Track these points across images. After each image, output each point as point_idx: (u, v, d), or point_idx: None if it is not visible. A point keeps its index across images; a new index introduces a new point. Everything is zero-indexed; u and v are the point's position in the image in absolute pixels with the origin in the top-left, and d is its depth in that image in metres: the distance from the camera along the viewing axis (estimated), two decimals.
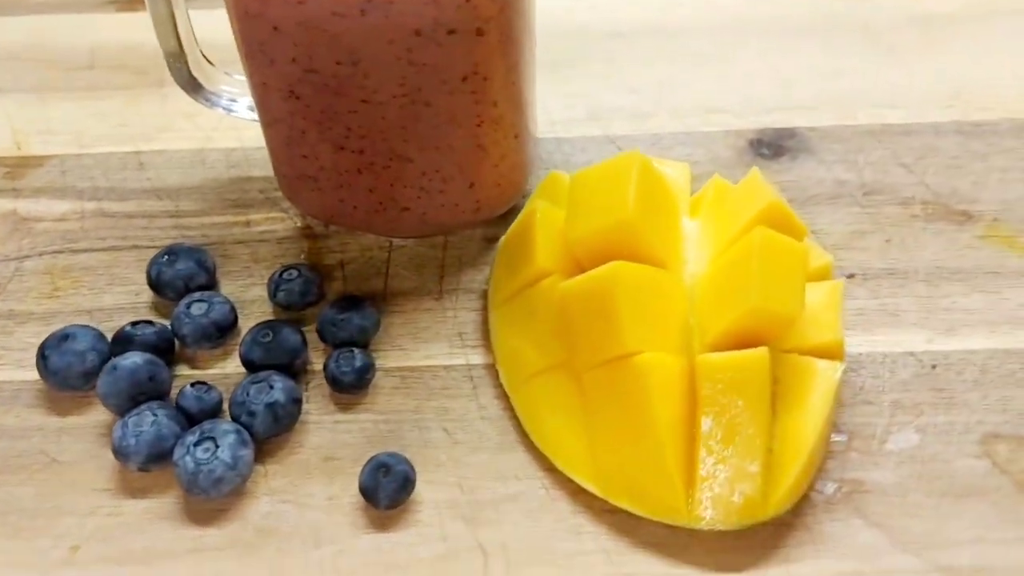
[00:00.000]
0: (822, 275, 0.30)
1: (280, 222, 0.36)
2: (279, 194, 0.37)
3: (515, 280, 0.30)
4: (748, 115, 0.40)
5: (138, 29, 0.46)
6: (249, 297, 0.33)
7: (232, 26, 0.30)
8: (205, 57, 0.35)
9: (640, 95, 0.42)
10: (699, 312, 0.28)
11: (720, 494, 0.25)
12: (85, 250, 0.35)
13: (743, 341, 0.26)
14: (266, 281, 0.34)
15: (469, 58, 0.29)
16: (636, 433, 0.26)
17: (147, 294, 0.34)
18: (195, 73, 0.34)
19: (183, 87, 0.34)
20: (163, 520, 0.27)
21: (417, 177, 0.32)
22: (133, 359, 0.29)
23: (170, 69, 0.34)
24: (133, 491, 0.28)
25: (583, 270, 0.29)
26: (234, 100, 0.35)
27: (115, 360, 0.29)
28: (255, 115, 0.35)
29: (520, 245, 0.30)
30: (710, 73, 0.42)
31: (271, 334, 0.30)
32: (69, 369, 0.29)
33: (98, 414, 0.30)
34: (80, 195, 0.37)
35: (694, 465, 0.26)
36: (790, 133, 0.39)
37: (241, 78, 0.35)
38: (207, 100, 0.35)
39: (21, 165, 0.39)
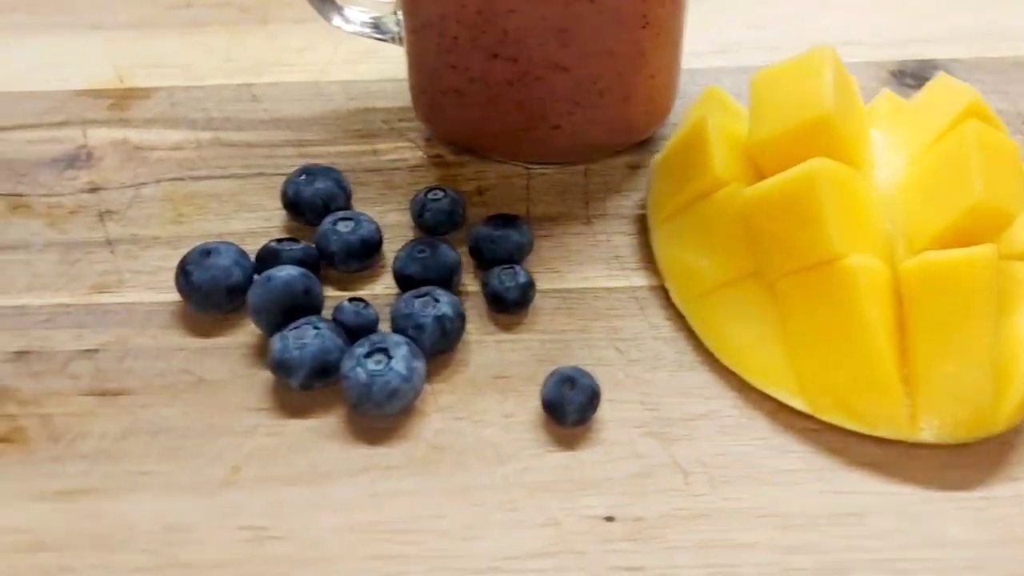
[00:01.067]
0: None
1: (409, 151, 0.34)
2: (404, 124, 0.36)
3: (682, 194, 0.28)
4: (884, 47, 0.38)
5: None
6: (388, 222, 0.31)
7: None
8: None
9: (768, 30, 0.40)
10: (902, 216, 0.26)
11: (946, 406, 0.23)
12: (207, 177, 0.33)
13: (957, 243, 0.24)
14: (403, 207, 0.32)
15: None
16: (846, 342, 0.24)
17: (279, 219, 0.32)
18: None
19: (315, 6, 0.33)
20: (329, 439, 0.25)
21: (572, 89, 0.30)
22: (288, 271, 0.27)
23: None
24: (292, 410, 0.26)
25: (764, 178, 0.27)
26: (364, 19, 0.34)
27: (268, 272, 0.27)
28: (382, 35, 0.34)
29: (688, 157, 0.29)
30: (838, 9, 0.40)
31: (428, 250, 0.28)
32: (213, 284, 0.27)
33: (241, 334, 0.28)
34: (193, 125, 0.35)
35: (913, 374, 0.24)
36: (932, 64, 0.37)
37: None
38: (337, 17, 0.33)
39: (127, 97, 0.37)
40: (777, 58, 0.39)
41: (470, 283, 0.30)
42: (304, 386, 0.25)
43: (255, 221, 0.32)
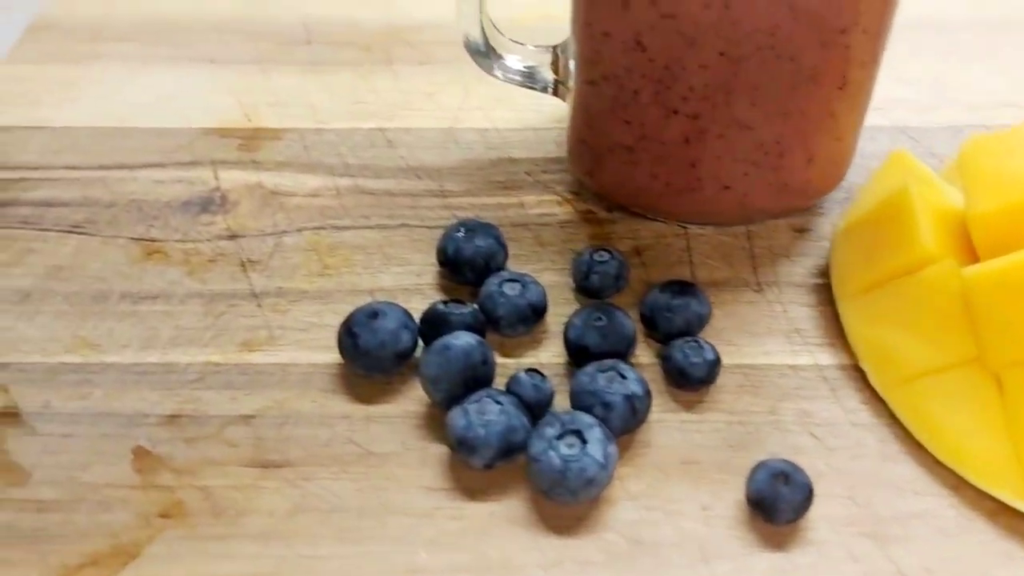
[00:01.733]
0: None
1: (557, 205, 0.33)
2: (548, 176, 0.34)
3: (881, 268, 0.27)
4: None
5: (350, 5, 0.43)
6: (544, 282, 0.29)
7: None
8: (494, 25, 0.32)
9: (918, 88, 0.38)
10: None
11: None
12: (350, 227, 0.32)
13: None
14: (558, 266, 0.30)
15: (856, 6, 0.25)
16: None
17: (430, 274, 0.30)
18: (492, 42, 0.31)
19: (475, 55, 0.31)
20: (516, 526, 0.23)
21: (752, 149, 0.28)
22: (465, 339, 0.25)
23: (465, 43, 0.31)
24: (472, 491, 0.24)
25: (976, 254, 0.25)
26: (522, 70, 0.32)
27: (445, 340, 0.25)
28: (534, 85, 0.32)
29: (887, 228, 0.27)
30: (988, 70, 0.39)
31: (605, 318, 0.26)
32: (382, 349, 0.26)
33: (407, 403, 0.26)
34: (330, 171, 0.34)
35: None
36: None
37: (528, 46, 0.32)
38: (501, 72, 0.32)
39: (255, 137, 0.36)
40: (931, 119, 0.37)
41: (642, 354, 0.28)
42: (488, 466, 0.24)
43: (405, 276, 0.30)
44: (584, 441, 0.23)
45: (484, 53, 0.32)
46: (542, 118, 0.37)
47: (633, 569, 0.23)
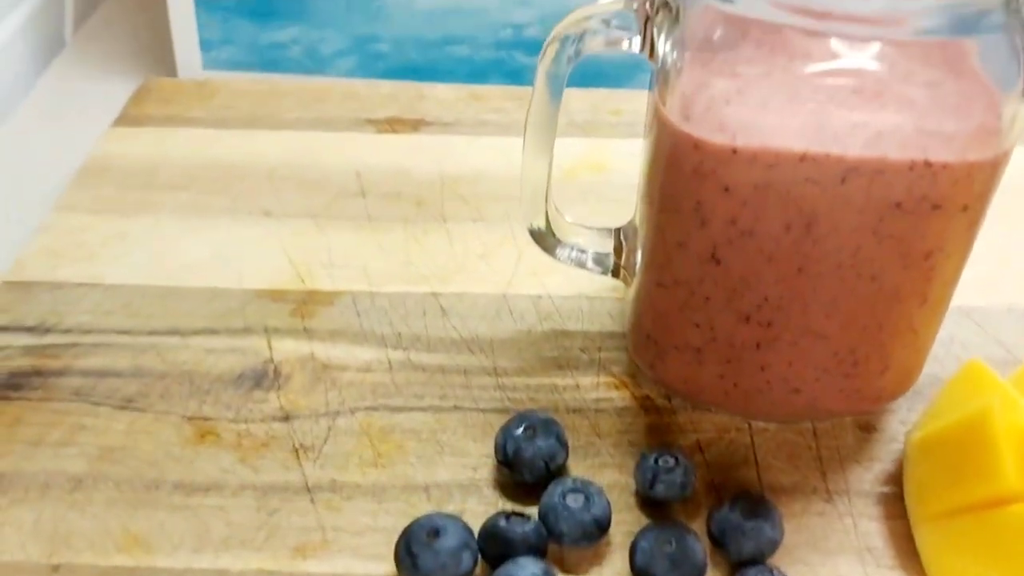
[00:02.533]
0: None
1: (614, 389, 0.32)
2: (604, 355, 0.33)
3: (962, 495, 0.26)
4: None
5: (404, 154, 0.43)
6: (604, 481, 0.28)
7: (648, 175, 0.27)
8: (557, 208, 0.32)
9: (980, 264, 0.37)
10: None
11: None
12: (403, 408, 0.31)
13: None
14: (617, 461, 0.29)
15: (942, 234, 0.25)
16: None
17: (487, 469, 0.29)
18: (554, 228, 0.31)
19: (539, 243, 0.31)
20: None
21: (826, 358, 0.28)
22: (531, 570, 0.24)
23: (530, 234, 0.31)
24: None
25: None
26: (584, 252, 0.32)
27: (509, 568, 0.24)
28: (598, 268, 0.32)
29: (967, 452, 0.26)
30: None
31: (674, 543, 0.25)
32: (443, 572, 0.25)
33: None
34: (382, 341, 0.34)
35: None
36: None
37: (584, 227, 0.32)
38: (563, 254, 0.32)
39: (309, 301, 0.35)
40: (994, 299, 0.36)
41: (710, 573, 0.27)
42: None
43: (460, 470, 0.29)
44: None
45: (547, 240, 0.32)
46: (595, 286, 0.36)
47: None
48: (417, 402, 0.32)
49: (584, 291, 0.36)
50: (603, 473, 0.29)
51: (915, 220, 0.24)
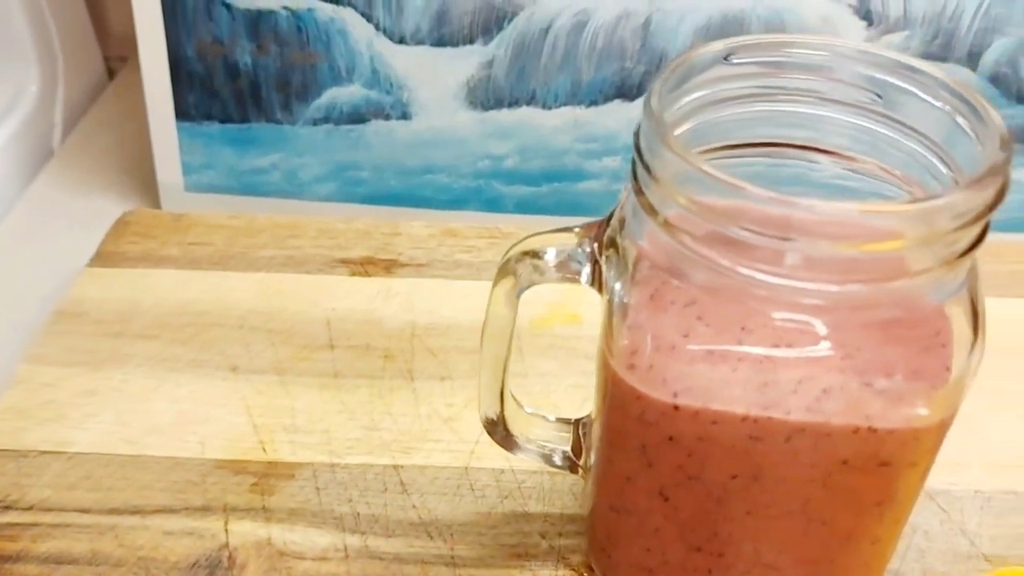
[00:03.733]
0: None
1: None
2: (563, 542, 0.33)
3: None
4: None
5: (375, 300, 0.43)
6: None
7: (601, 413, 0.27)
8: (515, 399, 0.31)
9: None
10: None
11: None
12: None
13: None
14: None
15: (892, 486, 0.25)
16: None
17: None
18: (512, 429, 0.31)
19: (499, 443, 0.31)
20: None
21: None
22: None
23: (486, 429, 0.31)
24: None
25: None
26: (547, 449, 0.31)
27: None
28: (561, 465, 0.32)
29: None
30: (1010, 419, 0.37)
31: None
32: None
33: None
34: (340, 524, 0.33)
35: None
36: None
37: (543, 418, 0.32)
38: (522, 451, 0.31)
39: (269, 474, 0.35)
40: (958, 480, 0.35)
41: None
42: None
43: None
44: None
45: (503, 434, 0.31)
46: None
47: None
48: None
49: (546, 468, 0.36)
50: None
51: (863, 475, 0.24)
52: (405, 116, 0.49)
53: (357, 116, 0.50)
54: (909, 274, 0.22)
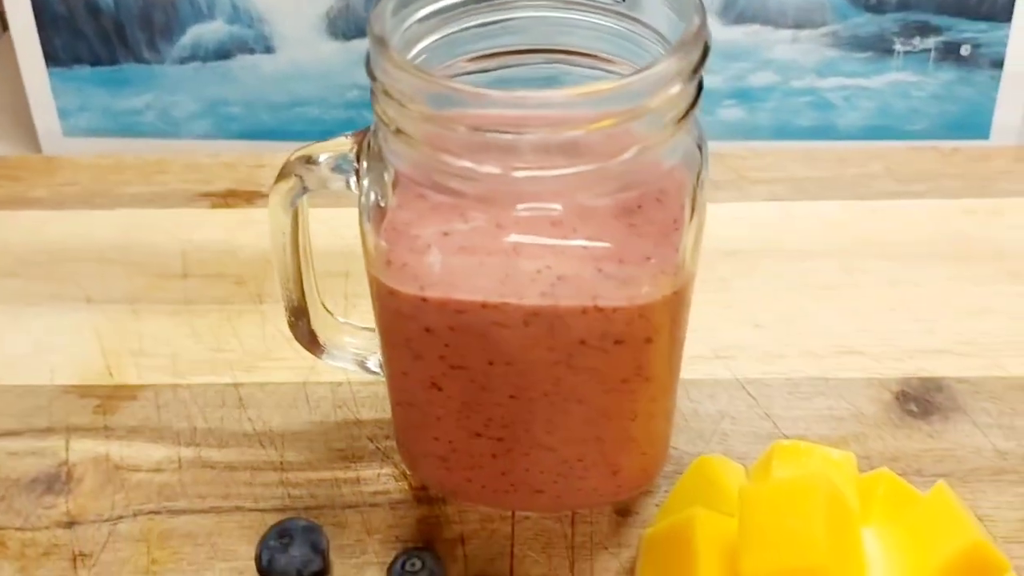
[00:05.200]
0: None
1: (393, 480, 0.33)
2: (390, 443, 0.35)
3: None
4: (887, 359, 0.37)
5: (234, 230, 0.44)
6: None
7: (375, 312, 0.28)
8: (325, 307, 0.33)
9: (765, 331, 0.39)
10: None
11: None
12: (184, 511, 0.32)
13: None
14: (382, 559, 0.31)
15: (633, 363, 0.26)
16: None
17: (252, 573, 0.31)
18: (317, 330, 0.32)
19: (303, 345, 0.32)
20: None
21: (557, 464, 0.29)
22: None
23: (290, 326, 0.32)
24: None
25: None
26: (359, 356, 0.33)
27: None
28: (375, 372, 0.33)
29: (675, 553, 0.27)
30: (838, 305, 0.39)
31: None
32: None
33: None
34: (177, 438, 0.35)
35: None
36: (937, 385, 0.36)
37: (360, 328, 0.33)
38: (330, 357, 0.33)
39: (113, 396, 0.37)
40: (776, 368, 0.38)
41: None
42: None
43: (228, 574, 0.31)
44: None
45: (314, 344, 0.32)
46: None
47: None
48: (200, 503, 0.33)
49: (383, 378, 0.37)
50: (365, 573, 0.31)
51: (602, 354, 0.25)
52: (269, 50, 0.50)
53: (223, 52, 0.50)
54: (635, 145, 0.23)
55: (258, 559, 0.30)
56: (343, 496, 0.33)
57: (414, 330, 0.26)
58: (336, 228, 0.41)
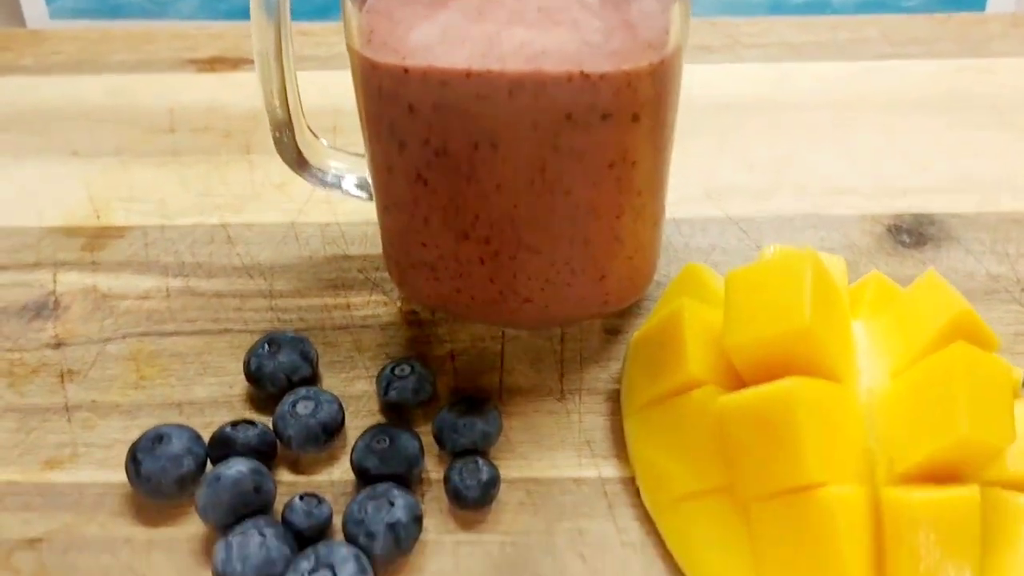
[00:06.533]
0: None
1: (383, 306, 0.33)
2: (380, 275, 0.35)
3: (657, 386, 0.27)
4: (880, 197, 0.37)
5: (220, 90, 0.44)
6: (354, 392, 0.30)
7: (358, 104, 0.28)
8: (311, 130, 0.32)
9: (758, 173, 0.39)
10: (883, 435, 0.24)
11: None
12: (173, 333, 0.32)
13: (942, 472, 0.23)
14: (371, 373, 0.31)
15: (620, 144, 0.26)
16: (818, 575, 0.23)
17: (241, 385, 0.31)
18: (302, 147, 0.32)
19: (288, 162, 0.32)
20: None
21: (544, 269, 0.29)
22: (237, 467, 0.26)
23: (275, 143, 0.32)
24: None
25: (742, 380, 0.26)
26: (341, 177, 0.33)
27: (217, 469, 0.26)
28: (363, 193, 0.33)
29: (663, 346, 0.27)
30: (832, 151, 0.39)
31: (387, 440, 0.27)
32: (163, 475, 0.26)
33: (191, 525, 0.27)
34: (165, 271, 0.35)
35: None
36: (929, 219, 0.36)
37: (347, 153, 0.33)
38: (313, 176, 0.32)
39: (101, 236, 0.36)
40: (768, 206, 0.38)
41: (435, 470, 0.29)
42: None
43: (218, 387, 0.31)
44: (335, 574, 0.24)
45: (301, 163, 0.32)
46: None
47: None
48: (189, 326, 0.33)
49: (372, 218, 0.37)
50: (355, 385, 0.31)
51: (588, 131, 0.25)
52: None
53: None
54: None
55: (247, 366, 0.30)
56: (333, 319, 0.33)
57: (397, 112, 0.26)
58: (325, 87, 0.41)
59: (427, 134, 0.26)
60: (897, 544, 0.23)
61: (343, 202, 0.38)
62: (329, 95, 0.39)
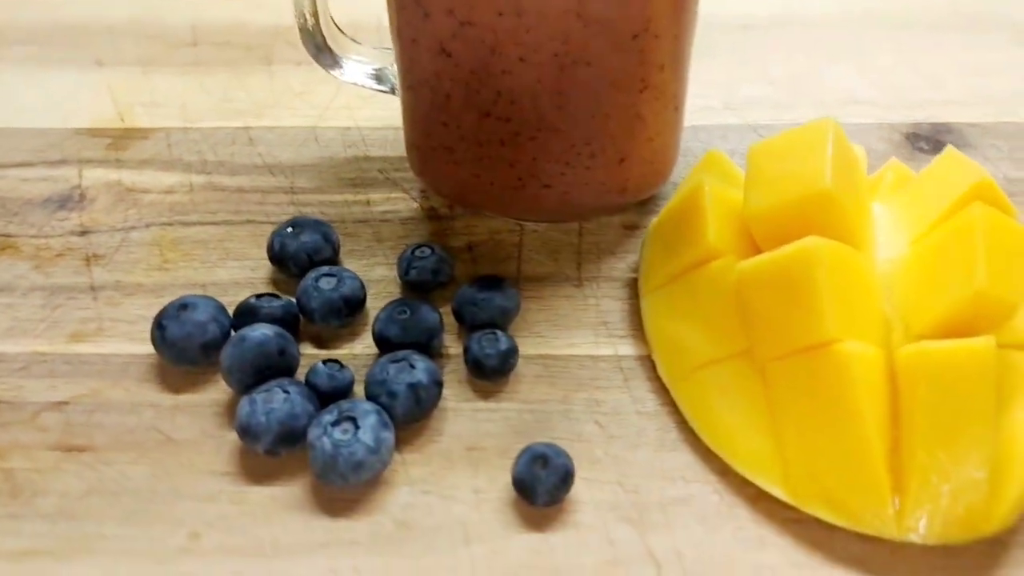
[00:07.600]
0: None
1: (402, 202, 0.34)
2: (400, 175, 0.35)
3: (676, 262, 0.27)
4: (898, 108, 0.37)
5: (241, 8, 0.44)
6: (374, 276, 0.31)
7: None
8: (334, 22, 0.33)
9: (777, 87, 0.39)
10: (901, 299, 0.25)
11: (937, 504, 0.22)
12: (196, 223, 0.33)
13: (956, 332, 0.23)
14: (391, 260, 0.31)
15: (644, 12, 0.26)
16: (835, 432, 0.23)
17: (265, 269, 0.31)
18: (325, 34, 0.32)
19: (309, 50, 0.32)
20: (292, 510, 0.24)
21: (564, 150, 0.29)
22: (262, 331, 0.26)
23: (300, 31, 0.32)
24: (257, 476, 0.25)
25: (759, 251, 0.26)
26: (361, 65, 0.33)
27: (243, 331, 0.26)
28: (383, 86, 0.34)
29: (683, 224, 0.28)
30: (849, 67, 0.39)
31: (408, 311, 0.27)
32: (188, 340, 0.27)
33: (215, 392, 0.27)
34: (188, 168, 0.35)
35: (904, 470, 0.23)
36: (947, 128, 0.36)
37: (369, 47, 0.33)
38: (334, 64, 0.33)
39: (125, 137, 0.37)
40: (786, 116, 0.38)
41: (453, 345, 0.29)
42: (270, 452, 0.25)
43: (240, 271, 0.31)
44: (358, 427, 0.24)
45: (324, 51, 0.33)
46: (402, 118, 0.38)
47: (395, 550, 0.24)
48: (211, 217, 0.33)
49: (392, 123, 0.37)
50: (375, 270, 0.31)
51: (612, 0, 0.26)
52: None
53: None
54: None
55: (270, 246, 0.30)
56: (353, 214, 0.33)
57: None
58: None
59: (451, 3, 0.26)
60: (917, 398, 0.23)
61: (363, 108, 0.38)
62: (353, 15, 0.39)
